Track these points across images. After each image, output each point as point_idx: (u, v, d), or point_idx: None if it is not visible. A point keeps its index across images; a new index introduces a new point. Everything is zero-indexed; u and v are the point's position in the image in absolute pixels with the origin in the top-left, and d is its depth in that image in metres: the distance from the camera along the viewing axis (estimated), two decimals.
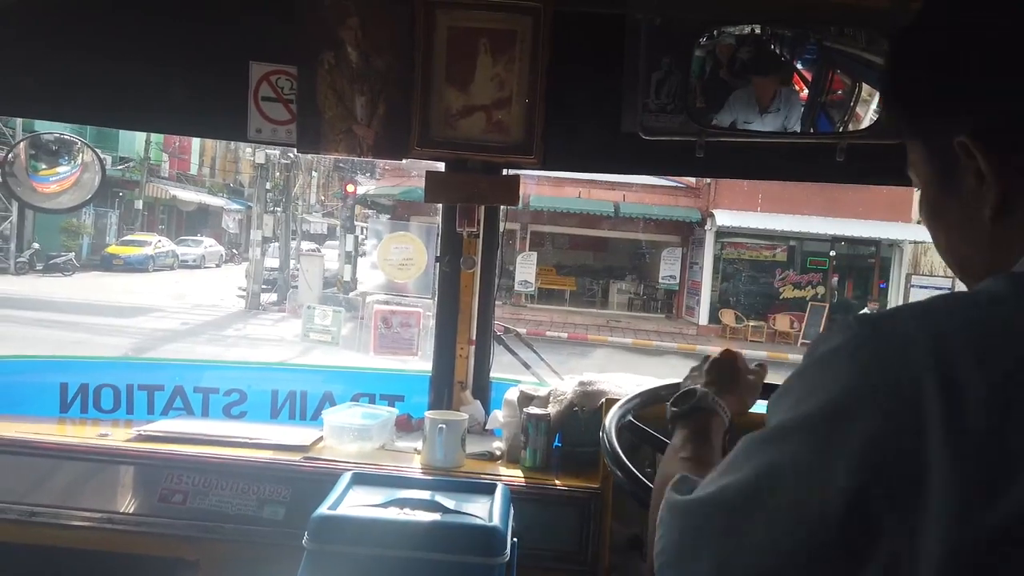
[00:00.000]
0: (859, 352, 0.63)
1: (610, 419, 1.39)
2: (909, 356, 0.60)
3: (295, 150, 2.38)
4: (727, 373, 1.26)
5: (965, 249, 0.73)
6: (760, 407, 1.17)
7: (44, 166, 2.55)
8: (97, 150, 2.64)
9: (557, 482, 2.05)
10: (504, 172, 2.27)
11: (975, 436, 0.57)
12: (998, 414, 0.57)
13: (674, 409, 1.17)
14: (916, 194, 0.78)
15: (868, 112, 1.90)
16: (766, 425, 0.68)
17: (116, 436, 2.20)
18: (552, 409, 2.18)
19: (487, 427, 2.38)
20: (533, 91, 2.11)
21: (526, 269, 18.54)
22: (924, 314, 0.64)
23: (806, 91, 2.00)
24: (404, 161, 2.28)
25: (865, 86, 1.93)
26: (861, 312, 0.69)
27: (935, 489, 0.57)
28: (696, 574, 0.68)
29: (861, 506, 0.59)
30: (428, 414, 2.15)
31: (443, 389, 2.40)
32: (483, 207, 2.31)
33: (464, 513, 1.67)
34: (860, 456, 0.59)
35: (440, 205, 2.37)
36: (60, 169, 2.56)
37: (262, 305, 18.03)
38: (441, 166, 2.27)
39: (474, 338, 2.40)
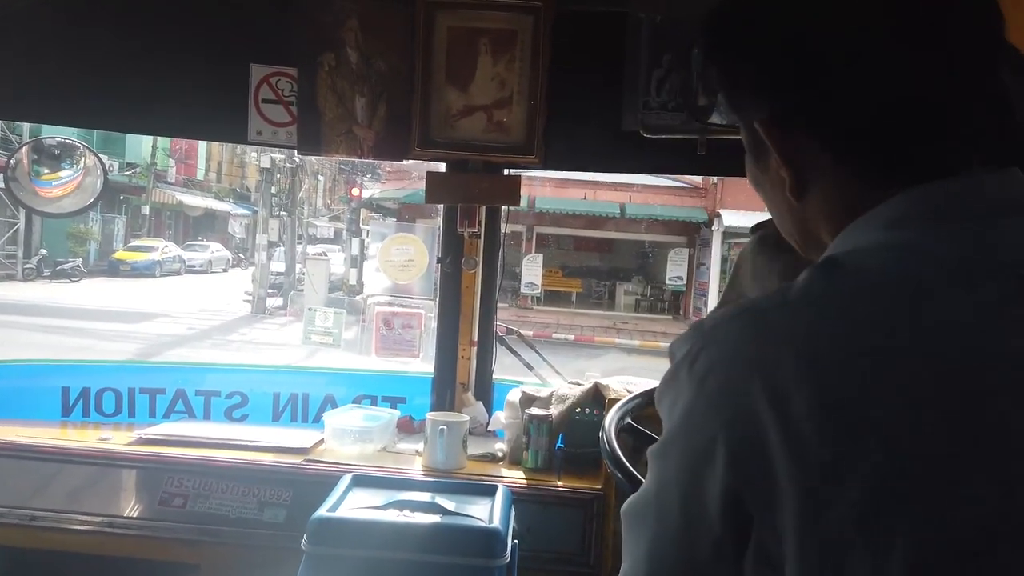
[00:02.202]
0: (696, 364, 0.64)
1: (609, 420, 1.38)
2: (736, 369, 0.62)
3: (296, 152, 2.38)
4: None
5: (779, 220, 0.77)
6: None
7: (47, 171, 2.56)
8: (99, 154, 2.65)
9: (559, 483, 2.04)
10: (505, 172, 2.26)
11: (807, 441, 0.58)
12: (825, 417, 0.58)
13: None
14: None
15: None
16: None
17: (117, 440, 2.19)
18: (554, 410, 2.17)
19: (489, 428, 2.37)
20: (534, 91, 2.10)
21: (532, 271, 18.49)
22: (749, 322, 0.65)
23: None
24: (408, 164, 2.27)
25: None
26: (699, 321, 0.69)
27: (785, 491, 0.58)
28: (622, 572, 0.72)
29: (734, 504, 0.61)
30: (430, 416, 2.13)
31: (445, 390, 2.39)
32: (484, 207, 2.31)
33: (464, 515, 1.66)
34: (722, 463, 0.61)
35: (441, 206, 2.36)
36: (62, 173, 2.57)
37: (268, 309, 18.06)
38: (442, 167, 2.26)
39: (476, 339, 2.39)
